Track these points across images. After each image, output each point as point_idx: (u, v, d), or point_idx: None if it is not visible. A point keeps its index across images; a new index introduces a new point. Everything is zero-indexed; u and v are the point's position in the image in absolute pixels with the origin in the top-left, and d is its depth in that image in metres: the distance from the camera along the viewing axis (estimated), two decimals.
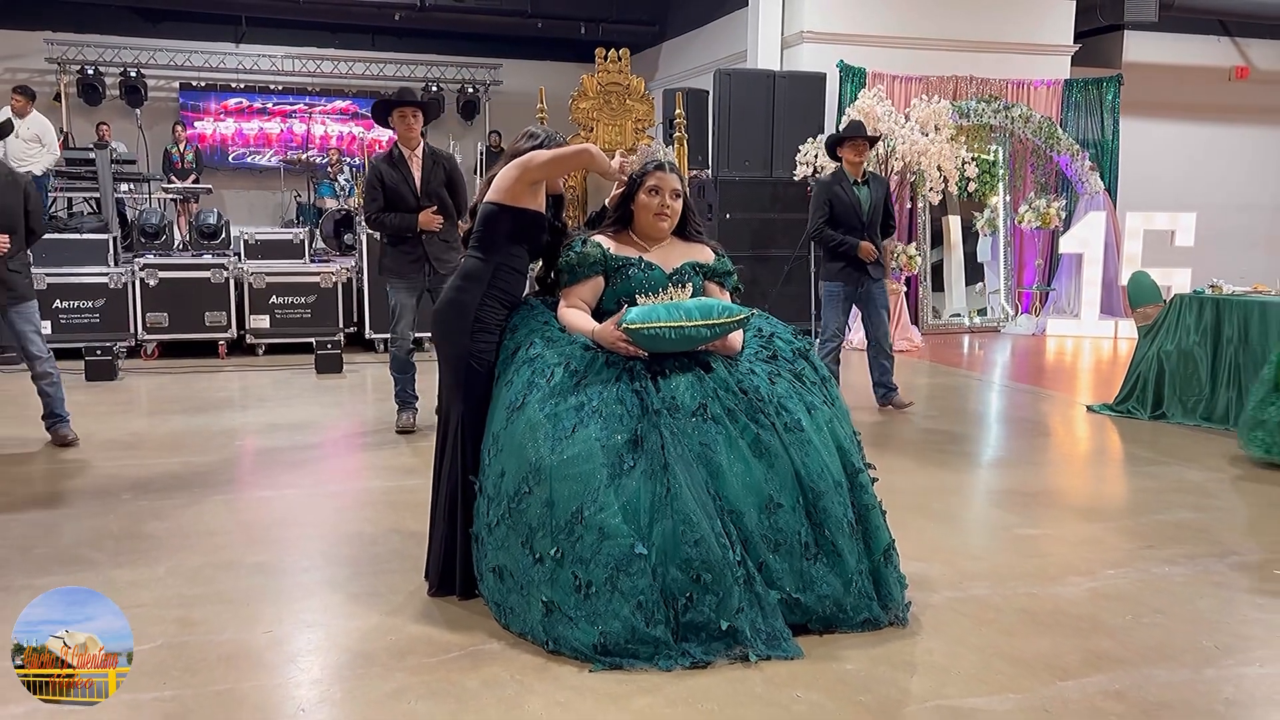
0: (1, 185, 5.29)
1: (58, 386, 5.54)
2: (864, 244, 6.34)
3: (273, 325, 9.09)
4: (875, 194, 6.47)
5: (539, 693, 2.71)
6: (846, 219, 6.39)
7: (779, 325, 3.50)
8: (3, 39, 14.14)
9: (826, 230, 6.42)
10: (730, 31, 12.66)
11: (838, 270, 6.48)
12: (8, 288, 5.32)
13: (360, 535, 4.06)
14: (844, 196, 6.40)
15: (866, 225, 6.41)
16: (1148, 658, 2.97)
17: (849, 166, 6.45)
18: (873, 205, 6.43)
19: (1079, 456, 5.86)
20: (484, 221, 3.30)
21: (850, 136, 6.48)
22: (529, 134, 3.43)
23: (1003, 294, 11.66)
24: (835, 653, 2.95)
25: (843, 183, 6.45)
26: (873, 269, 6.45)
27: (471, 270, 3.30)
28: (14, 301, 5.37)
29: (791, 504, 3.00)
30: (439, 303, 3.39)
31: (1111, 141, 11.95)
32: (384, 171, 5.70)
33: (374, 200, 5.73)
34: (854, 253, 6.35)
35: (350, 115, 16.19)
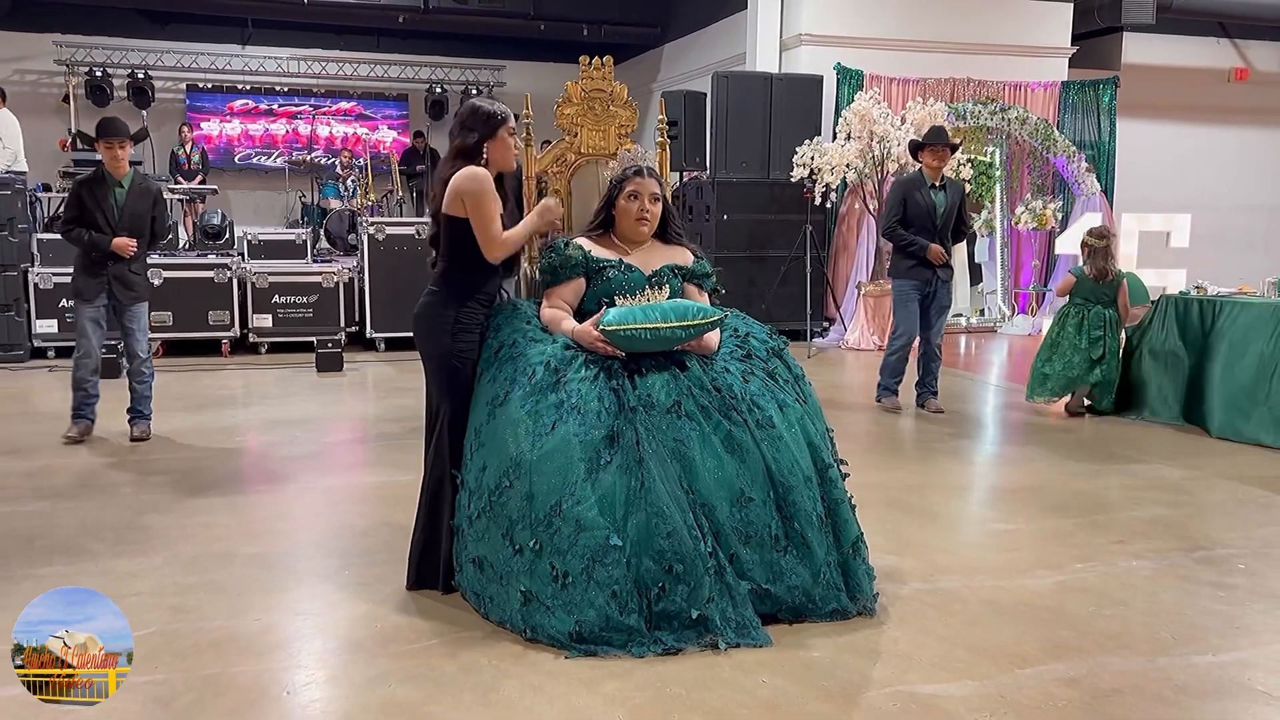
0: (135, 192, 5.64)
1: (148, 385, 5.82)
2: (934, 246, 6.45)
3: (275, 324, 9.23)
4: (950, 199, 6.59)
5: (515, 677, 2.83)
6: (919, 220, 6.51)
7: (755, 325, 3.61)
8: (13, 41, 14.30)
9: (898, 229, 6.55)
10: (730, 34, 12.77)
11: (907, 268, 6.59)
12: (127, 287, 5.64)
13: (351, 528, 4.19)
14: (919, 199, 6.52)
15: (939, 229, 6.53)
16: (1105, 647, 3.08)
17: (928, 171, 6.57)
18: (947, 209, 6.55)
19: (1060, 455, 5.94)
20: (449, 233, 3.39)
21: (932, 142, 6.60)
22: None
23: (999, 294, 11.74)
24: (803, 641, 3.06)
25: (920, 186, 6.57)
26: (942, 271, 6.57)
27: (445, 275, 3.41)
28: (132, 301, 5.67)
29: (762, 498, 3.11)
30: (419, 306, 3.48)
31: (1108, 143, 12.03)
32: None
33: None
34: (923, 254, 6.47)
35: (355, 116, 16.33)
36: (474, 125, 3.38)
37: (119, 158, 5.57)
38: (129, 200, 5.61)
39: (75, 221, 5.57)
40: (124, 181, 5.63)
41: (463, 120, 3.42)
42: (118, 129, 5.57)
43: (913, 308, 6.65)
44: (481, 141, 3.37)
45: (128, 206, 5.60)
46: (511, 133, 3.47)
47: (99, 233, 5.54)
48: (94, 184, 5.60)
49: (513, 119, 3.50)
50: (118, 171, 5.60)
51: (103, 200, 5.55)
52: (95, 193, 5.57)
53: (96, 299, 5.62)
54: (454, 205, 3.35)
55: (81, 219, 5.57)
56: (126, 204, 5.60)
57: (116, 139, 5.53)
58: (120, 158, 5.58)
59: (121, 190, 5.61)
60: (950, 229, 6.64)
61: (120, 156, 5.57)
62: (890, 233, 6.65)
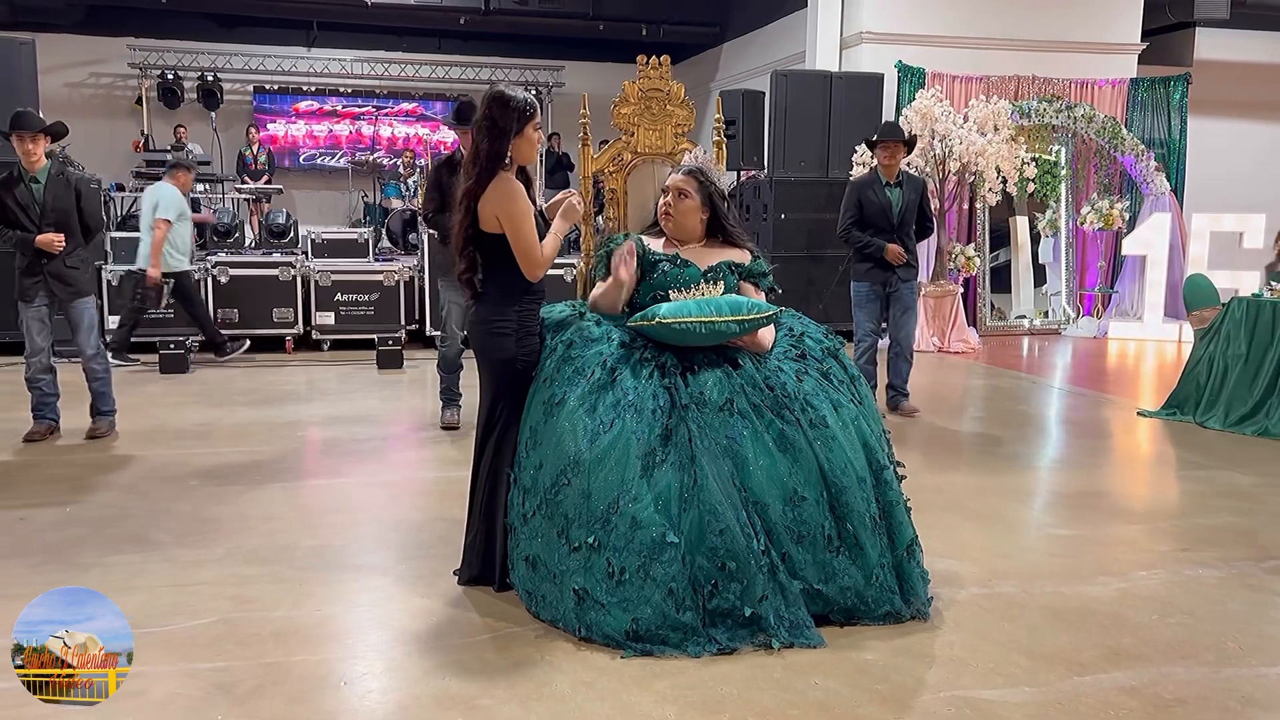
0: (54, 186, 5.53)
1: (102, 382, 5.76)
2: (891, 246, 6.34)
3: (337, 322, 9.38)
4: (908, 195, 6.47)
5: (567, 673, 2.85)
6: (876, 220, 6.41)
7: (810, 325, 3.59)
8: (89, 45, 14.73)
9: (854, 231, 6.46)
10: (790, 32, 12.69)
11: (865, 270, 6.51)
12: (65, 283, 5.56)
13: (408, 522, 4.25)
14: (874, 198, 6.43)
15: (897, 227, 6.42)
16: (1168, 656, 3.01)
17: (882, 168, 6.49)
18: (904, 207, 6.44)
19: (1125, 460, 5.82)
20: (488, 248, 3.31)
21: (884, 139, 6.51)
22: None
23: (1064, 296, 11.52)
24: (857, 643, 3.03)
25: (874, 184, 6.48)
26: (901, 270, 6.45)
27: (500, 281, 3.35)
28: (71, 297, 5.60)
29: (815, 497, 3.09)
30: (475, 315, 3.44)
31: (1179, 141, 11.73)
32: (444, 175, 5.88)
33: (431, 201, 5.92)
34: (880, 254, 6.37)
35: (416, 117, 16.55)
36: (505, 123, 3.21)
37: (30, 152, 5.42)
38: (48, 195, 5.48)
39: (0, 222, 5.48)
40: (39, 176, 5.49)
41: (492, 117, 3.22)
42: (28, 121, 5.43)
43: (872, 309, 6.54)
44: (508, 143, 3.24)
45: (48, 201, 5.47)
46: (537, 127, 3.34)
47: (24, 231, 5.45)
48: (9, 182, 5.47)
49: (538, 109, 3.35)
50: (31, 166, 5.47)
51: (20, 197, 5.44)
52: (11, 190, 5.45)
53: (37, 298, 5.52)
54: (489, 223, 3.27)
55: (3, 219, 5.47)
56: (45, 199, 5.47)
57: (27, 132, 5.40)
58: (32, 151, 5.42)
59: (39, 185, 5.48)
60: (911, 226, 6.50)
61: (32, 150, 5.42)
62: (845, 234, 6.53)
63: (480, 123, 3.24)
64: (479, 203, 3.26)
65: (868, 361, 6.51)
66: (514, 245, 3.25)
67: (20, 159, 5.48)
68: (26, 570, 3.61)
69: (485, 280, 3.36)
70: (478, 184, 3.25)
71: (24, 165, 5.49)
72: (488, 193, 3.24)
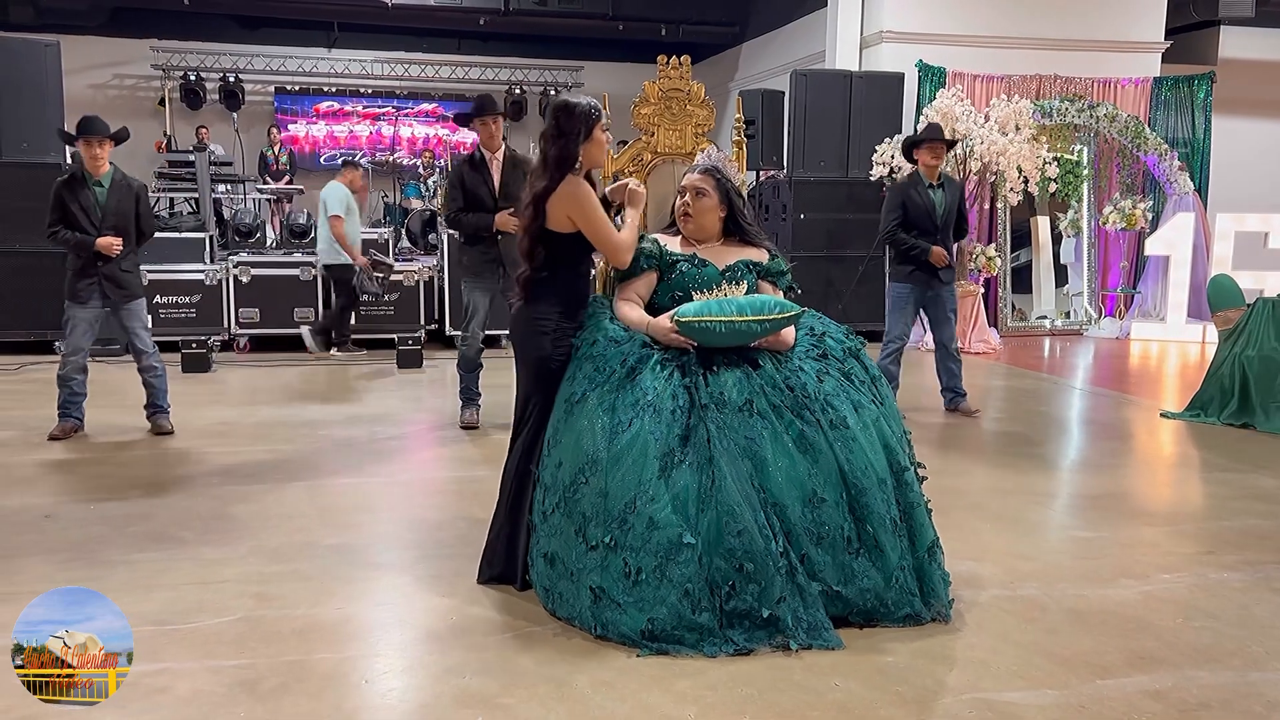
0: (116, 189, 5.67)
1: (162, 379, 5.89)
2: (936, 249, 6.31)
3: (358, 321, 9.43)
4: (949, 197, 6.43)
5: (586, 672, 2.85)
6: (920, 222, 6.37)
7: (831, 325, 3.57)
8: (112, 46, 14.85)
9: (899, 233, 6.41)
10: (809, 32, 12.66)
11: (907, 273, 6.47)
12: (119, 286, 5.68)
13: (428, 522, 4.27)
14: (918, 199, 6.38)
15: (940, 229, 6.39)
16: (1192, 660, 2.98)
17: (925, 169, 6.43)
18: (946, 209, 6.40)
19: (1148, 462, 5.78)
20: (552, 246, 3.38)
21: (928, 139, 6.46)
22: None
23: (1086, 296, 11.45)
24: (877, 645, 3.02)
25: (918, 185, 6.44)
26: (943, 273, 6.42)
27: (547, 283, 3.41)
28: (125, 299, 5.72)
29: (835, 499, 3.08)
30: (517, 313, 3.49)
31: (1203, 140, 11.63)
32: (465, 173, 5.90)
33: (454, 200, 5.94)
34: (925, 257, 6.33)
35: (436, 118, 16.60)
36: (571, 129, 3.30)
37: (97, 156, 5.55)
38: (110, 199, 5.60)
39: (59, 223, 5.57)
40: (103, 180, 5.61)
41: (559, 124, 3.31)
42: (96, 127, 5.55)
43: (909, 312, 6.51)
44: (579, 145, 3.32)
45: (109, 205, 5.60)
46: (605, 129, 3.43)
47: (83, 233, 5.55)
48: (73, 184, 5.59)
49: (605, 113, 3.44)
50: (96, 170, 5.59)
51: (83, 200, 5.56)
52: (75, 192, 5.56)
53: (90, 300, 5.61)
54: (558, 223, 3.34)
55: (64, 220, 5.56)
56: (108, 203, 5.59)
57: (95, 137, 5.53)
58: (99, 156, 5.56)
59: (101, 189, 5.60)
60: (952, 228, 6.47)
61: (99, 155, 5.56)
62: (890, 237, 6.48)
63: (548, 131, 3.35)
64: (548, 203, 3.32)
65: (892, 362, 6.48)
66: (594, 239, 3.34)
67: (85, 162, 5.61)
68: (52, 568, 3.64)
69: (536, 281, 3.41)
70: (547, 187, 3.32)
71: (88, 169, 5.61)
72: (557, 192, 3.30)
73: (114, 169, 5.73)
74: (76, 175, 5.64)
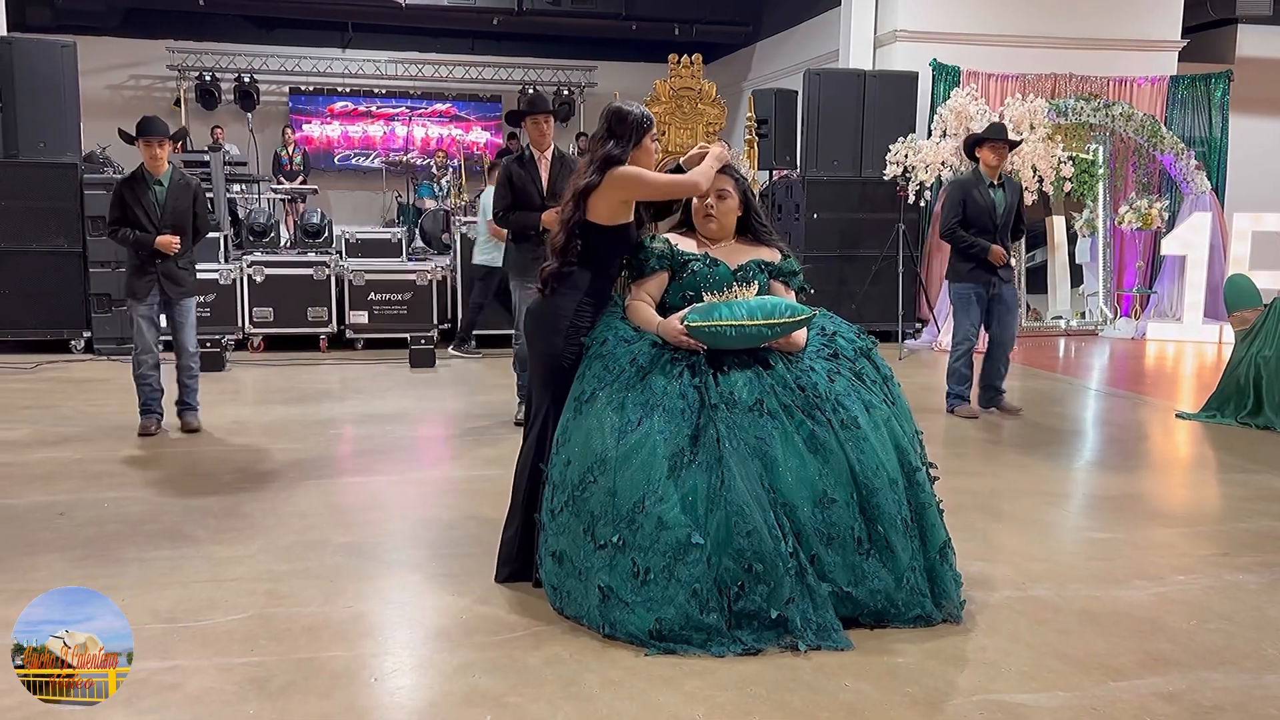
0: (175, 189, 5.78)
1: (196, 379, 5.99)
2: (995, 248, 6.28)
3: (371, 321, 9.46)
4: (1010, 197, 6.41)
5: (595, 671, 2.85)
6: (979, 220, 6.34)
7: (842, 324, 3.56)
8: (129, 47, 14.95)
9: (959, 231, 6.39)
10: (823, 31, 12.63)
11: (967, 271, 6.44)
12: (176, 282, 5.80)
13: (439, 520, 4.27)
14: (979, 198, 6.36)
15: (999, 228, 6.36)
16: (1206, 662, 2.96)
17: (986, 168, 6.40)
18: (1006, 208, 6.37)
19: (1163, 462, 5.74)
20: (583, 237, 3.39)
21: (991, 138, 6.42)
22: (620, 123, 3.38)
23: (1101, 296, 11.38)
24: (887, 646, 3.01)
25: (979, 184, 6.41)
26: (1002, 271, 6.41)
27: (569, 278, 3.41)
28: (180, 296, 5.83)
29: (845, 499, 3.07)
30: (534, 304, 3.51)
31: (1220, 139, 11.54)
32: (514, 171, 5.90)
33: (502, 198, 5.94)
34: (985, 255, 6.31)
35: (450, 118, 16.64)
36: (623, 134, 3.34)
37: (158, 156, 5.68)
38: (169, 197, 5.73)
39: (119, 222, 5.71)
40: (163, 179, 5.74)
41: (610, 128, 3.37)
42: (156, 128, 5.70)
43: (974, 311, 6.48)
44: (628, 151, 3.34)
45: (168, 203, 5.73)
46: (654, 138, 3.44)
47: (143, 231, 5.67)
48: (134, 183, 5.75)
49: (654, 123, 3.47)
50: (157, 170, 5.72)
51: (143, 198, 5.68)
52: (136, 191, 5.71)
53: (148, 297, 5.74)
54: (601, 214, 3.34)
55: (125, 219, 5.70)
56: (167, 201, 5.73)
57: (155, 137, 5.66)
58: (159, 156, 5.68)
59: (161, 188, 5.73)
60: (1010, 228, 6.44)
61: (159, 155, 5.68)
62: (951, 234, 6.46)
63: (598, 134, 3.39)
64: (591, 197, 3.34)
65: (965, 364, 6.49)
66: (665, 194, 3.40)
67: (145, 162, 5.73)
68: (66, 565, 3.66)
69: (560, 276, 3.41)
70: (591, 183, 3.34)
71: (148, 168, 5.73)
72: (602, 186, 3.32)
73: (173, 168, 5.86)
74: (137, 175, 5.78)
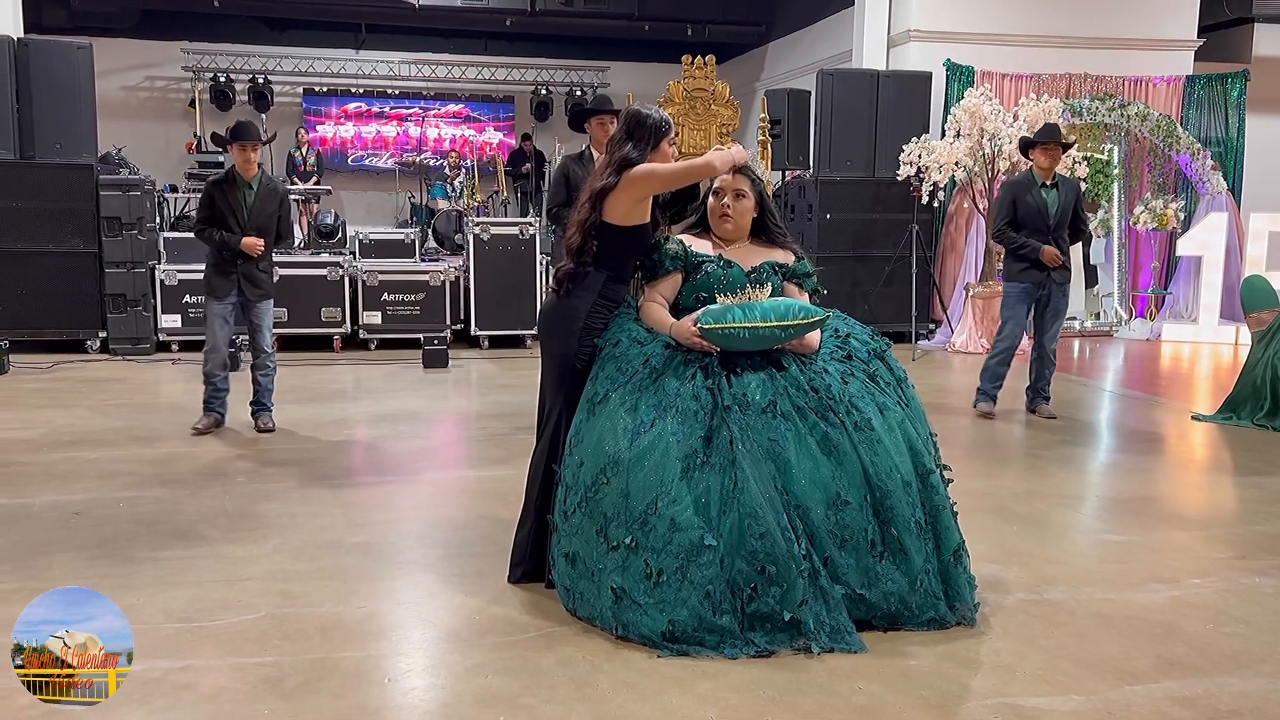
0: (264, 193, 5.89)
1: (270, 379, 6.06)
2: (1047, 249, 6.25)
3: (384, 321, 9.48)
4: (1064, 197, 6.36)
5: (608, 673, 2.84)
6: (1031, 221, 6.32)
7: (856, 326, 3.54)
8: (144, 49, 15.02)
9: (1009, 232, 6.37)
10: (836, 32, 12.60)
11: (1019, 271, 6.41)
12: (255, 285, 5.89)
13: (452, 521, 4.28)
14: (1030, 199, 6.33)
15: (1052, 229, 6.32)
16: (1223, 666, 2.94)
17: (1038, 170, 6.37)
18: (1060, 208, 6.33)
19: (1179, 465, 5.70)
20: (600, 238, 3.38)
21: (1044, 140, 6.40)
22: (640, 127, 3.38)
23: (1116, 297, 11.32)
24: (900, 649, 3.00)
25: (1030, 186, 6.38)
26: (1057, 273, 6.36)
27: (584, 279, 3.40)
28: (259, 298, 5.93)
29: (859, 501, 3.06)
30: (547, 304, 3.51)
31: (1236, 139, 11.47)
32: (570, 169, 5.89)
33: (557, 195, 5.94)
34: (1035, 255, 6.27)
35: (463, 118, 16.66)
36: (642, 138, 3.34)
37: (250, 160, 5.81)
38: (257, 201, 5.86)
39: (207, 221, 5.84)
40: (253, 183, 5.87)
41: (629, 130, 3.37)
42: (251, 133, 5.82)
43: (1020, 311, 6.46)
44: (645, 154, 3.35)
45: (256, 207, 5.86)
46: (672, 143, 3.44)
47: (229, 232, 5.80)
48: (225, 185, 5.86)
49: (673, 128, 3.46)
50: (248, 173, 5.84)
51: (233, 200, 5.81)
52: (226, 193, 5.83)
53: (227, 296, 5.86)
54: (614, 213, 3.34)
55: (213, 219, 5.83)
56: (255, 205, 5.85)
57: (250, 142, 5.78)
58: (251, 160, 5.81)
59: (250, 191, 5.85)
60: (1066, 228, 6.41)
61: (251, 159, 5.81)
62: (1000, 235, 6.46)
63: (617, 137, 3.39)
64: (608, 199, 3.34)
65: (1001, 363, 6.47)
66: (674, 181, 3.39)
67: (237, 165, 5.84)
68: (81, 564, 3.68)
69: (575, 276, 3.41)
70: (608, 184, 3.34)
71: (240, 171, 5.85)
72: (619, 186, 3.33)
73: (262, 172, 5.97)
74: (228, 177, 5.89)
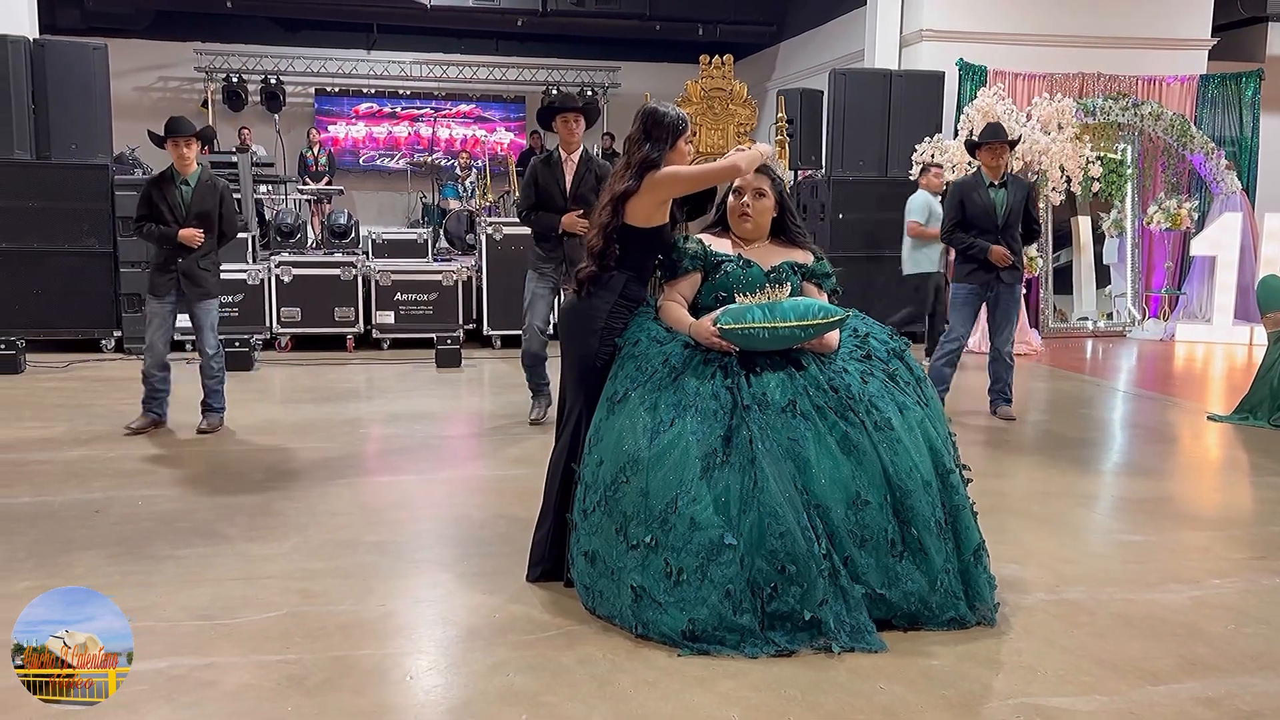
0: (202, 189, 5.84)
1: (215, 379, 5.98)
2: (996, 248, 6.21)
3: (397, 321, 9.50)
4: (1013, 197, 6.33)
5: (629, 671, 2.85)
6: (980, 221, 6.30)
7: (875, 325, 3.54)
8: (157, 49, 15.07)
9: (957, 233, 6.37)
10: (848, 31, 12.58)
11: (967, 272, 6.39)
12: (195, 283, 5.82)
13: (469, 519, 4.29)
14: (978, 199, 6.32)
15: (1002, 228, 6.30)
16: (1245, 667, 2.93)
17: (986, 169, 6.37)
18: (1010, 208, 6.30)
19: (1195, 465, 5.68)
20: (621, 240, 3.39)
21: (988, 140, 6.40)
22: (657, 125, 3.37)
23: (1129, 297, 11.28)
24: (921, 649, 2.99)
25: (978, 186, 6.37)
26: (1006, 274, 6.31)
27: (605, 280, 3.41)
28: (199, 297, 5.85)
29: (879, 501, 3.06)
30: (568, 305, 3.52)
31: (1251, 139, 11.43)
32: (539, 171, 5.92)
33: (526, 197, 5.96)
34: (984, 256, 6.25)
35: (474, 119, 16.68)
36: (659, 137, 3.34)
37: (185, 155, 5.74)
38: (195, 197, 5.80)
39: (145, 219, 5.80)
40: (190, 179, 5.80)
41: (646, 129, 3.36)
42: (183, 128, 5.76)
43: (968, 312, 6.44)
44: (664, 154, 3.34)
45: (194, 203, 5.79)
46: (688, 140, 3.43)
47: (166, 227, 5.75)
48: (162, 182, 5.82)
49: (689, 125, 3.46)
50: (184, 169, 5.80)
51: (170, 198, 5.76)
52: (164, 191, 5.78)
53: (166, 295, 5.78)
54: (635, 216, 3.34)
55: (151, 216, 5.78)
56: (193, 200, 5.79)
57: (182, 136, 5.73)
58: (186, 155, 5.75)
59: (188, 187, 5.79)
60: (1017, 228, 6.36)
61: (186, 154, 5.74)
62: (949, 237, 6.44)
63: (634, 136, 3.38)
64: (629, 202, 3.33)
65: (946, 364, 6.42)
66: (693, 185, 3.39)
67: (174, 161, 5.81)
68: (102, 561, 3.70)
69: (595, 279, 3.41)
70: (629, 188, 3.34)
71: (176, 167, 5.81)
72: (640, 190, 3.32)
73: (201, 169, 5.92)
74: (165, 174, 5.86)
